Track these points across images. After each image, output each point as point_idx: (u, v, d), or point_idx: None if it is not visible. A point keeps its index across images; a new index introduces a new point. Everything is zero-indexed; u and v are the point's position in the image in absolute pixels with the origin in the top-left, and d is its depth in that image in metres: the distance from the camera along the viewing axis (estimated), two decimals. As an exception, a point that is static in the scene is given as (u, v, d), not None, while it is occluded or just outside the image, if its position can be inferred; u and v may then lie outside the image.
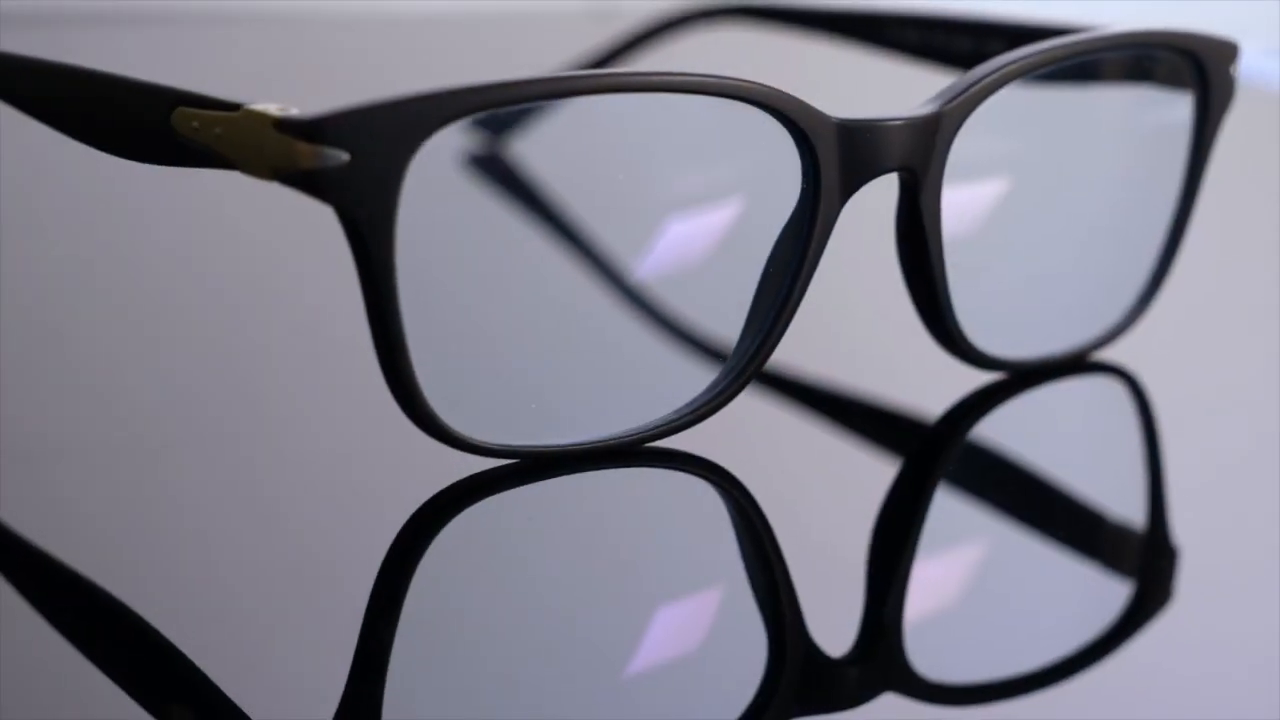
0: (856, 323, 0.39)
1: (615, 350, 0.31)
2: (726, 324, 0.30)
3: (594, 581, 0.28)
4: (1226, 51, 0.34)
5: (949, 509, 0.30)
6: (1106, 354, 0.35)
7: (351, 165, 0.25)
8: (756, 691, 0.25)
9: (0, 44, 0.31)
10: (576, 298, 0.30)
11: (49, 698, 0.24)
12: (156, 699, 0.25)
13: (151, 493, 0.30)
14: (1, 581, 0.27)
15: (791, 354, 0.31)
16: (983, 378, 0.34)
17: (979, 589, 0.29)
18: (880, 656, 0.26)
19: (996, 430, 0.33)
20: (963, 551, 0.29)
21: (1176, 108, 0.34)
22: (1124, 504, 0.31)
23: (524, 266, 0.30)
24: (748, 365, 0.30)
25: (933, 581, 0.28)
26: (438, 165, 0.26)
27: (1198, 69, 0.34)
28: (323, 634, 0.26)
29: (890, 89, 0.33)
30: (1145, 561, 0.30)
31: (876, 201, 0.31)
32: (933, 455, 0.33)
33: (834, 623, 0.26)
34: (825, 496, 0.31)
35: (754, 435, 0.32)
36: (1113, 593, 0.29)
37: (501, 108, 0.26)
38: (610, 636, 0.26)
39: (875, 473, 0.32)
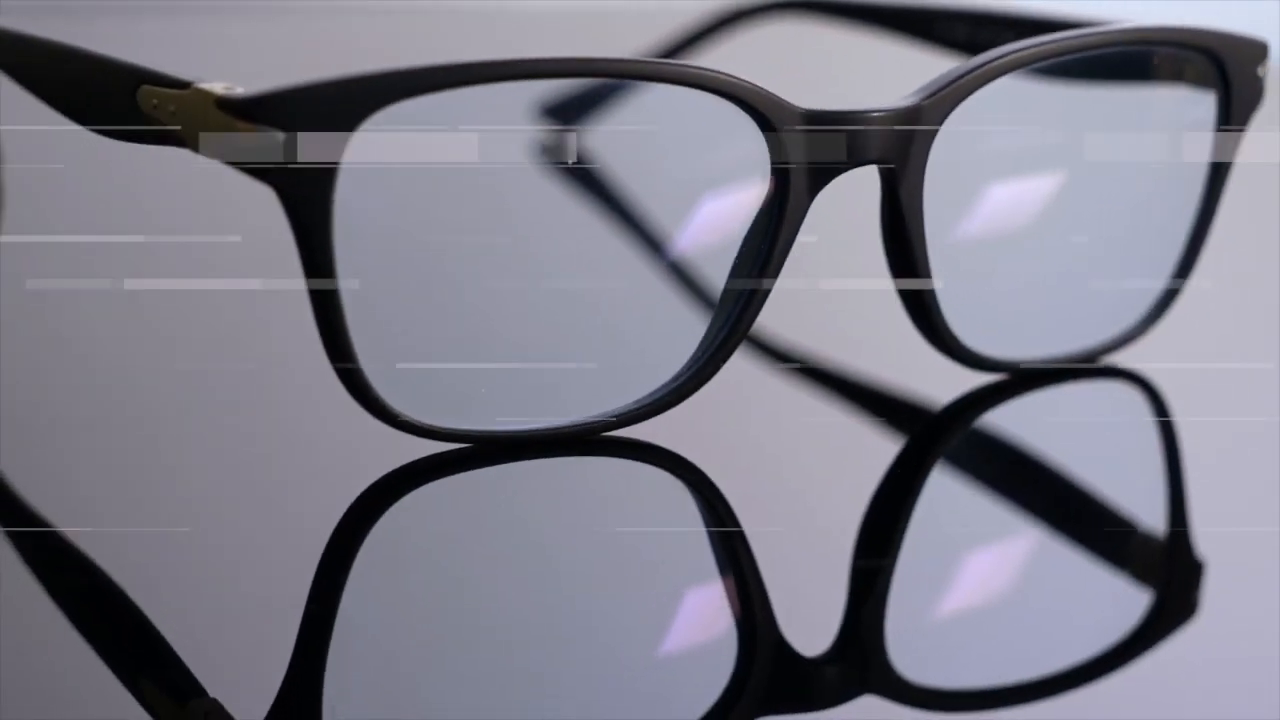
0: (855, 316, 0.38)
1: (575, 336, 0.31)
2: (694, 315, 0.30)
3: (552, 577, 0.27)
4: (1253, 51, 0.33)
5: (938, 506, 0.30)
6: (1118, 358, 0.34)
7: (287, 145, 0.25)
8: (722, 693, 0.24)
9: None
10: (532, 280, 0.30)
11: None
12: (91, 669, 0.25)
13: (93, 470, 0.30)
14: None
15: (789, 348, 0.30)
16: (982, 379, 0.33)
17: (967, 589, 0.28)
18: (859, 656, 0.25)
19: (989, 429, 0.33)
20: (951, 550, 0.29)
21: (1197, 108, 0.33)
22: (1128, 503, 0.30)
23: (474, 247, 0.30)
24: (713, 357, 0.29)
25: (918, 580, 0.28)
26: (379, 147, 0.26)
27: (1219, 69, 0.33)
28: (260, 621, 0.26)
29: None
30: (1144, 564, 0.29)
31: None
32: (923, 450, 0.32)
33: (812, 621, 0.26)
34: (806, 489, 0.31)
35: (729, 424, 0.32)
36: (1108, 597, 0.28)
37: (441, 90, 0.26)
38: (570, 634, 0.26)
39: (860, 466, 0.31)
